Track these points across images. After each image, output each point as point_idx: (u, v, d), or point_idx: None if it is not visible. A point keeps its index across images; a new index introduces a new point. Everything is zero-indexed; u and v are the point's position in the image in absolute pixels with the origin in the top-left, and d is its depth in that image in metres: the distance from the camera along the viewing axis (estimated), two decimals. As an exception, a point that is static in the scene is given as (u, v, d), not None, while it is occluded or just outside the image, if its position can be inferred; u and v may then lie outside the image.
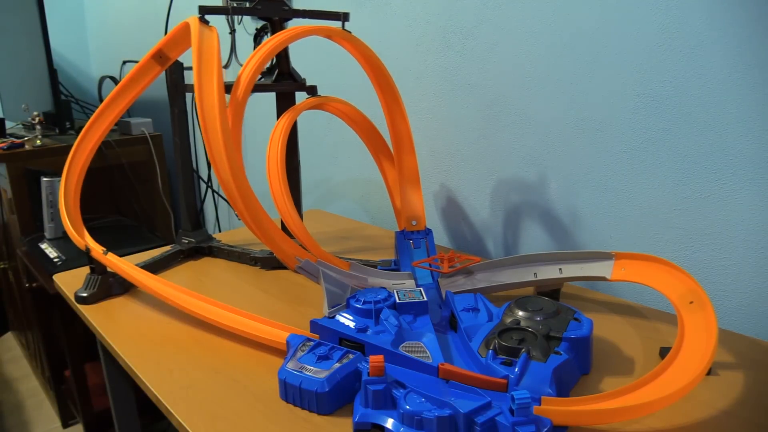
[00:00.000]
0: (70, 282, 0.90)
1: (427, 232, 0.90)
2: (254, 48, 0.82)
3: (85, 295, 0.83)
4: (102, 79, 2.10)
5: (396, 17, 1.10)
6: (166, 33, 1.35)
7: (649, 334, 0.71)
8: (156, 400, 0.61)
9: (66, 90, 2.15)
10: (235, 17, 1.50)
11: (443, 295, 0.75)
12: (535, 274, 0.76)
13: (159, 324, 0.77)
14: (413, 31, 1.08)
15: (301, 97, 0.95)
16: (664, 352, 0.66)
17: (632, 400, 0.51)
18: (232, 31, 1.53)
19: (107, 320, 0.78)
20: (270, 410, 0.57)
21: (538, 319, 0.63)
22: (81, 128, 0.90)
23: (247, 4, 0.88)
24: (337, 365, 0.58)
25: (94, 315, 0.80)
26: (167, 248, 1.02)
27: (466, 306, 0.69)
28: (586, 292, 0.83)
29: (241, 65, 0.79)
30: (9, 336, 2.35)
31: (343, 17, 0.90)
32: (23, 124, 2.01)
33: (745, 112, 0.70)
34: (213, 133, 0.69)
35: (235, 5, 0.87)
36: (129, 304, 0.83)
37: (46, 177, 1.47)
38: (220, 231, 1.84)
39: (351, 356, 0.59)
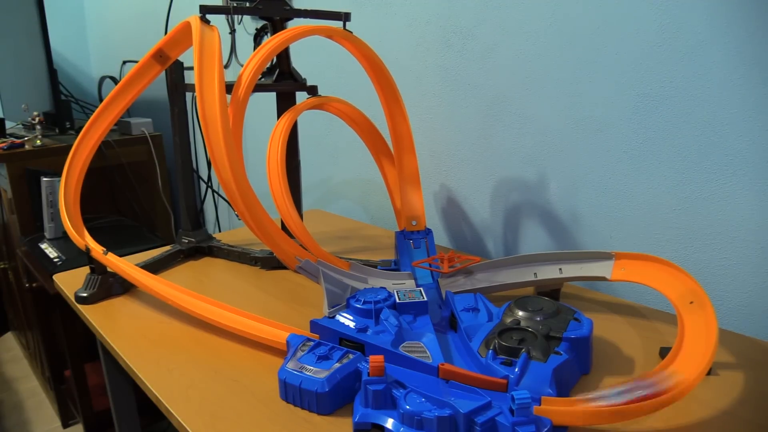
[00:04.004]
0: (70, 282, 0.90)
1: (427, 232, 0.90)
2: (254, 48, 0.83)
3: (85, 295, 0.83)
4: (102, 79, 2.11)
5: (396, 17, 1.10)
6: (166, 32, 1.35)
7: (649, 334, 0.71)
8: (156, 400, 0.61)
9: (66, 90, 2.15)
10: (236, 17, 1.50)
11: (443, 295, 0.75)
12: (535, 274, 0.76)
13: (159, 324, 0.77)
14: (413, 31, 1.08)
15: (301, 97, 0.95)
16: (664, 352, 0.66)
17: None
18: (233, 31, 1.53)
19: (107, 320, 0.78)
20: (270, 410, 0.57)
21: (538, 319, 0.63)
22: (81, 128, 0.90)
23: (248, 4, 0.88)
24: (337, 365, 0.58)
25: (94, 315, 0.80)
26: (167, 248, 1.02)
27: (466, 306, 0.68)
28: (586, 292, 0.83)
29: (242, 65, 0.80)
30: (9, 336, 2.35)
31: (344, 17, 0.90)
32: (23, 124, 2.01)
33: (745, 112, 0.70)
34: (214, 132, 0.69)
35: (236, 5, 0.87)
36: (129, 304, 0.83)
37: (46, 177, 1.47)
38: (220, 231, 1.84)
39: (351, 356, 0.59)
